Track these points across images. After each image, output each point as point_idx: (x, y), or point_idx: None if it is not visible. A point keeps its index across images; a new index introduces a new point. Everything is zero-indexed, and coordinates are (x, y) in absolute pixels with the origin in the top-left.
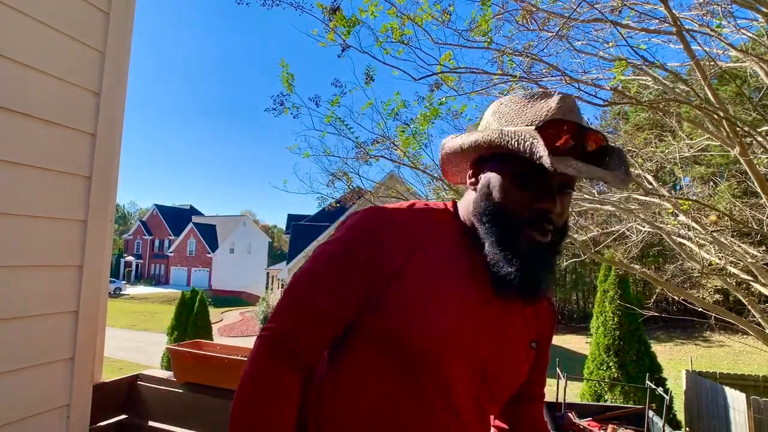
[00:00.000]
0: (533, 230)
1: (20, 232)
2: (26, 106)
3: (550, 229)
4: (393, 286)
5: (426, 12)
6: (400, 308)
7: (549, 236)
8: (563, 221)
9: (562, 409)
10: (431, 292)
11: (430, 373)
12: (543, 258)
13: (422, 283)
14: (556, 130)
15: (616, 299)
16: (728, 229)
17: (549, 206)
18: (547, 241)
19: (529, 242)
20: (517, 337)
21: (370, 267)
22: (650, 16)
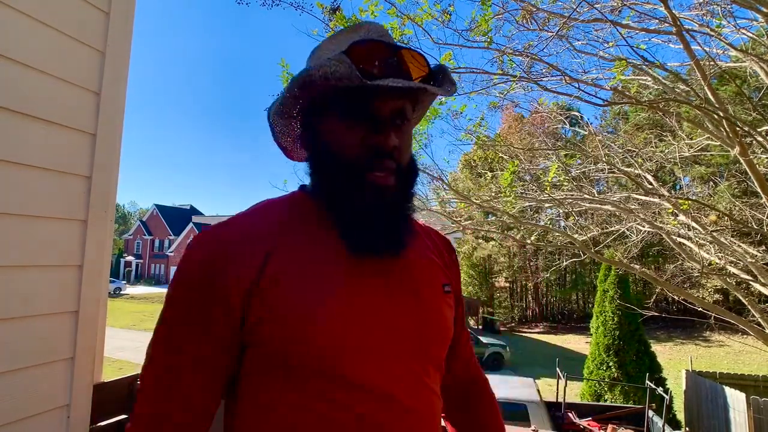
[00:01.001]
0: (373, 171)
1: (20, 232)
2: (26, 106)
3: (393, 168)
4: (254, 308)
5: (426, 12)
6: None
7: (393, 176)
8: (408, 159)
9: (562, 409)
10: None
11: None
12: (396, 202)
13: (290, 289)
14: (364, 50)
15: (616, 299)
16: (728, 228)
17: (382, 139)
18: (393, 183)
19: (373, 189)
20: (425, 288)
21: (217, 303)
22: (650, 16)
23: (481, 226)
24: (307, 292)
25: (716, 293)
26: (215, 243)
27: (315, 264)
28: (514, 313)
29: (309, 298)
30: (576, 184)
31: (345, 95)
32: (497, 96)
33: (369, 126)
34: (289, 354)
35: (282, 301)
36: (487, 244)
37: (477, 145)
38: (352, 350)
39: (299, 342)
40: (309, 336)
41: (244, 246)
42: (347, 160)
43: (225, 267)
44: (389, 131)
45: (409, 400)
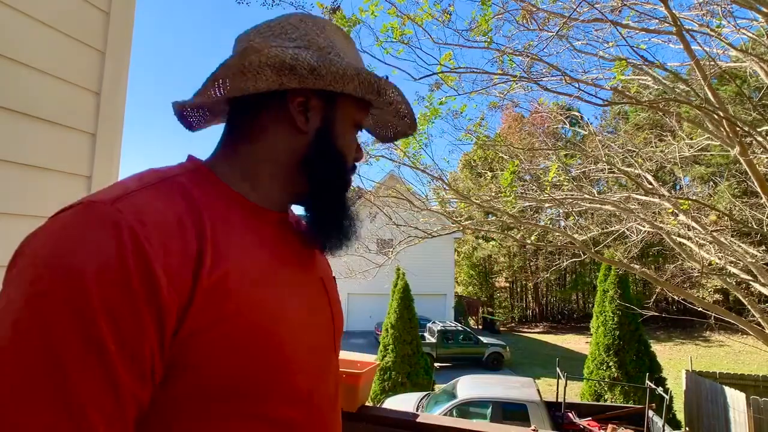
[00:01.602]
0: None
1: (21, 232)
2: (26, 106)
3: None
4: (189, 321)
5: (426, 12)
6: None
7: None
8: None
9: (562, 408)
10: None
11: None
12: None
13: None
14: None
15: (616, 299)
16: (728, 228)
17: (362, 154)
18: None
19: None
20: (331, 283)
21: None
22: (650, 16)
23: (481, 226)
24: (254, 299)
25: (716, 293)
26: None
27: (256, 265)
28: (514, 313)
29: (261, 306)
30: (576, 184)
31: (365, 107)
32: (497, 96)
33: (356, 139)
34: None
35: (230, 310)
36: (487, 244)
37: (477, 145)
38: (300, 361)
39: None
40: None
41: (171, 239)
42: (347, 161)
43: (153, 268)
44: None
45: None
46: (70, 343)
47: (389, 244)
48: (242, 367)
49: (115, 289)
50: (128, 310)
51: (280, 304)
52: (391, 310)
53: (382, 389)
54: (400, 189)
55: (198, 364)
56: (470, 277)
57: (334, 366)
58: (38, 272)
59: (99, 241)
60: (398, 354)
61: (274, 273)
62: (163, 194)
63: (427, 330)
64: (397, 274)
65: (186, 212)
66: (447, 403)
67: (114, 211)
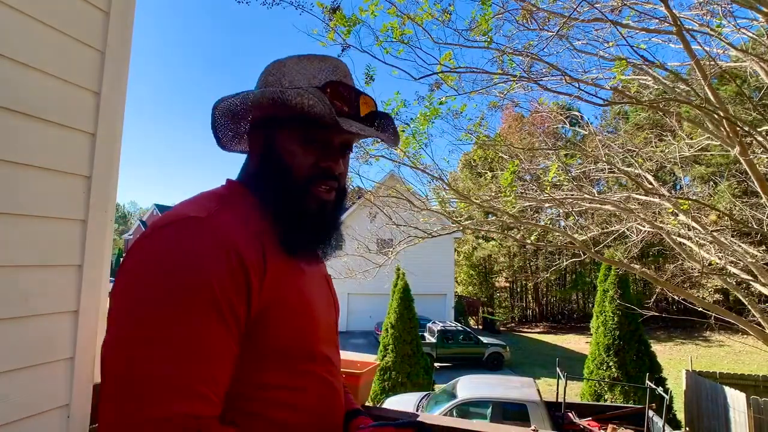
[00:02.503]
0: (320, 187)
1: (20, 232)
2: (26, 106)
3: (336, 187)
4: (259, 302)
5: (426, 11)
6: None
7: (332, 192)
8: (344, 182)
9: (562, 408)
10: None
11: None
12: (333, 214)
13: (283, 288)
14: (336, 92)
15: (616, 299)
16: (728, 228)
17: (333, 165)
18: (332, 198)
19: (317, 201)
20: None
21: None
22: (650, 16)
23: (481, 226)
24: (293, 290)
25: (716, 293)
26: (225, 237)
27: (292, 264)
28: (514, 313)
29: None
30: (576, 183)
31: (309, 124)
32: (497, 96)
33: (323, 152)
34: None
35: (281, 297)
36: (487, 244)
37: (477, 145)
38: (321, 331)
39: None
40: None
41: (249, 245)
42: (298, 177)
43: (247, 261)
44: (338, 158)
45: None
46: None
47: (389, 244)
48: (284, 333)
49: (227, 276)
50: (234, 289)
51: (309, 292)
52: (391, 310)
53: (382, 389)
54: (400, 189)
55: (261, 329)
56: (470, 277)
57: (336, 342)
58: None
59: (211, 245)
60: (398, 354)
61: (302, 271)
62: (235, 213)
63: (427, 330)
64: (397, 274)
65: (251, 224)
66: (447, 403)
67: (215, 226)
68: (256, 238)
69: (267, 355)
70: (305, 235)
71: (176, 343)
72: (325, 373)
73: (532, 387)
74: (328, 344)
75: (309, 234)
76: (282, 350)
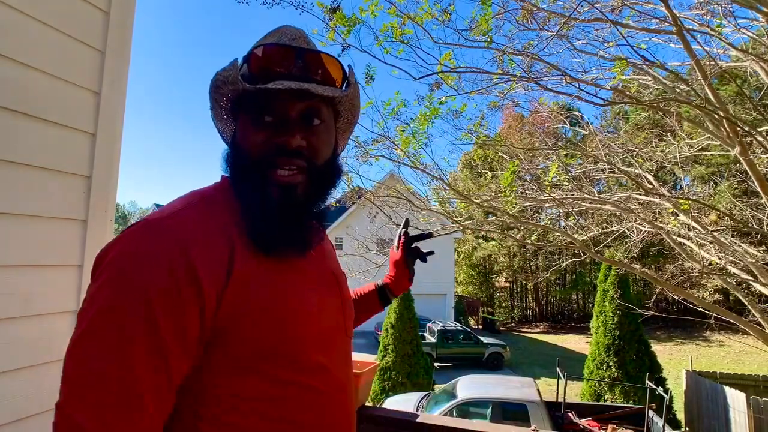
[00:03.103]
0: (277, 169)
1: (20, 232)
2: (26, 106)
3: (302, 166)
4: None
5: (426, 11)
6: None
7: (302, 175)
8: (324, 158)
9: (562, 408)
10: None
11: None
12: (305, 201)
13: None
14: (267, 55)
15: (616, 299)
16: (728, 228)
17: (289, 139)
18: (300, 181)
19: (278, 186)
20: (341, 275)
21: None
22: (650, 16)
23: (481, 226)
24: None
25: (716, 293)
26: (172, 244)
27: (272, 262)
28: (514, 313)
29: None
30: (576, 183)
31: (251, 97)
32: (497, 96)
33: (276, 127)
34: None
35: (254, 301)
36: (487, 244)
37: (477, 145)
38: (312, 338)
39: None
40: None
41: (210, 245)
42: (253, 158)
43: (197, 265)
44: (294, 131)
45: (339, 373)
46: (133, 317)
47: (389, 244)
48: (259, 340)
49: (168, 282)
50: (176, 297)
51: (300, 293)
52: (391, 310)
53: (382, 389)
54: (400, 189)
55: (231, 336)
56: (470, 277)
57: (345, 346)
58: (116, 268)
59: (155, 247)
60: (398, 354)
61: (292, 269)
62: (201, 212)
63: (427, 330)
64: None
65: (218, 223)
66: (447, 403)
67: (165, 226)
68: (224, 237)
69: (240, 364)
70: (271, 229)
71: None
72: (317, 382)
73: (532, 387)
74: (326, 351)
75: (275, 227)
76: (256, 358)
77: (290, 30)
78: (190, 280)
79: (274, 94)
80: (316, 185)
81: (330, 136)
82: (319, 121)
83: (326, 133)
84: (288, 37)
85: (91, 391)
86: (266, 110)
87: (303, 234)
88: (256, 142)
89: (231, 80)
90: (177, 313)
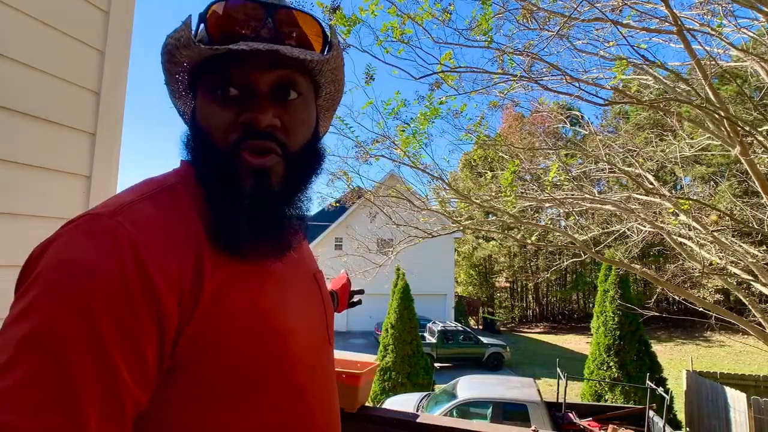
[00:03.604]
0: (245, 151)
1: (20, 232)
2: (26, 106)
3: (274, 149)
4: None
5: (426, 11)
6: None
7: (277, 158)
8: (303, 141)
9: (563, 409)
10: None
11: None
12: (280, 189)
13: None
14: (227, 13)
15: (616, 299)
16: (729, 228)
17: (258, 116)
18: (272, 165)
19: (248, 172)
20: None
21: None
22: (651, 16)
23: (482, 226)
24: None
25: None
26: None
27: (249, 266)
28: (514, 313)
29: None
30: (576, 183)
31: (211, 66)
32: (497, 95)
33: (242, 102)
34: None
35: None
36: (487, 244)
37: (477, 145)
38: (298, 357)
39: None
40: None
41: (172, 250)
42: (215, 142)
43: (155, 276)
44: (264, 107)
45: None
46: (75, 342)
47: (389, 244)
48: (243, 365)
49: (117, 296)
50: (129, 315)
51: (277, 306)
52: (391, 310)
53: (382, 389)
54: (400, 189)
55: (201, 363)
56: (470, 277)
57: (329, 358)
58: (49, 282)
59: (101, 252)
60: (398, 354)
61: (270, 273)
62: (161, 206)
63: (427, 330)
64: (397, 274)
65: (183, 220)
66: (447, 403)
67: (115, 224)
68: (190, 238)
69: (215, 392)
70: (242, 226)
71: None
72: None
73: (532, 387)
74: (310, 369)
75: (247, 223)
76: (233, 387)
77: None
78: (146, 296)
79: (239, 60)
80: (294, 173)
81: (309, 113)
82: (295, 95)
83: (304, 109)
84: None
85: None
86: (229, 82)
87: (281, 231)
88: (218, 123)
89: (184, 43)
90: (131, 339)
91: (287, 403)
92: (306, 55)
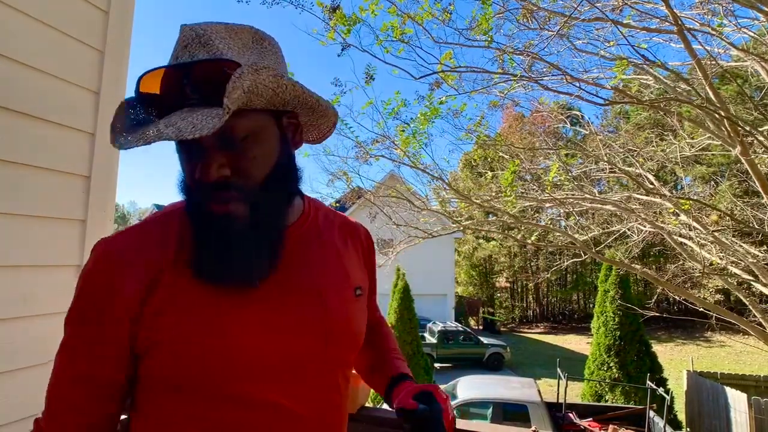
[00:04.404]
0: (209, 201)
1: (20, 232)
2: (26, 106)
3: (230, 196)
4: (143, 330)
5: (426, 11)
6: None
7: (238, 204)
8: (259, 177)
9: (563, 409)
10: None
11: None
12: (246, 230)
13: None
14: (149, 86)
15: (616, 299)
16: (729, 228)
17: (201, 173)
18: (234, 210)
19: (215, 219)
20: (333, 297)
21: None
22: (651, 15)
23: (482, 226)
24: (196, 319)
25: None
26: (104, 256)
27: (201, 288)
28: (514, 314)
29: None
30: (577, 183)
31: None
32: (498, 95)
33: (194, 159)
34: (177, 376)
35: (170, 327)
36: (487, 244)
37: (477, 145)
38: (244, 369)
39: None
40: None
41: (129, 266)
42: (190, 191)
43: (113, 282)
44: (209, 161)
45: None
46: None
47: (389, 244)
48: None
49: (88, 299)
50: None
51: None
52: (391, 311)
53: None
54: (400, 189)
55: (151, 358)
56: (470, 277)
57: (327, 375)
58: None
59: (87, 266)
60: None
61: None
62: (139, 232)
63: (427, 330)
64: (397, 274)
65: (153, 246)
66: None
67: (97, 245)
68: (153, 258)
69: (154, 382)
70: (207, 262)
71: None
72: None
73: (532, 387)
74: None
75: (212, 259)
76: (175, 385)
77: (186, 32)
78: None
79: None
80: (261, 205)
81: (263, 146)
82: (244, 135)
83: (255, 144)
84: (181, 44)
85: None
86: (177, 143)
87: (250, 263)
88: (188, 173)
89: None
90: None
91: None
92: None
